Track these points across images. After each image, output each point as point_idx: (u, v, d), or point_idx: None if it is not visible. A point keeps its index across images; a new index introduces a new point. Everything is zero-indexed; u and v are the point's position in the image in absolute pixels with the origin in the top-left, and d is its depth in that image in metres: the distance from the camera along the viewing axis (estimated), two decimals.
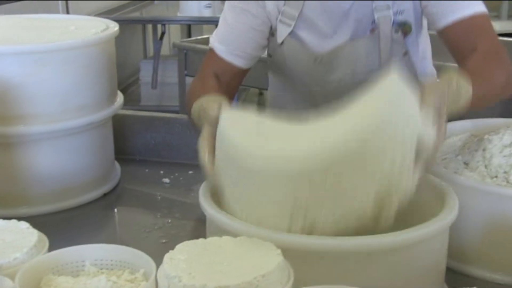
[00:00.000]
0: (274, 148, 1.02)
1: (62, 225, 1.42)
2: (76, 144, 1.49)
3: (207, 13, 4.39)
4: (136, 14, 4.91)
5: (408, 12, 1.51)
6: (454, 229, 1.17)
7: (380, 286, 0.95)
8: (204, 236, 0.97)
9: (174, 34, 5.69)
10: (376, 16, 1.49)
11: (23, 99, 1.40)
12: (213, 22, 4.65)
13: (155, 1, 5.42)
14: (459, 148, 1.32)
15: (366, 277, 0.94)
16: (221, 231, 0.99)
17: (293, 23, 1.52)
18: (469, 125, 1.42)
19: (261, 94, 4.73)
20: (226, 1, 1.59)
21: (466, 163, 1.26)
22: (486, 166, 1.22)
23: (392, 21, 1.50)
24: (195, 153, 1.74)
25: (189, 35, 5.76)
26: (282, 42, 1.55)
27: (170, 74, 4.36)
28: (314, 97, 1.59)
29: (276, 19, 1.54)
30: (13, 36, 1.50)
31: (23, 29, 1.56)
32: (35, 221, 1.08)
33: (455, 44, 1.46)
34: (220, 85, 1.50)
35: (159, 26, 4.78)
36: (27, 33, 1.53)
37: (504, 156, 1.21)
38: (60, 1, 3.99)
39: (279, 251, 0.89)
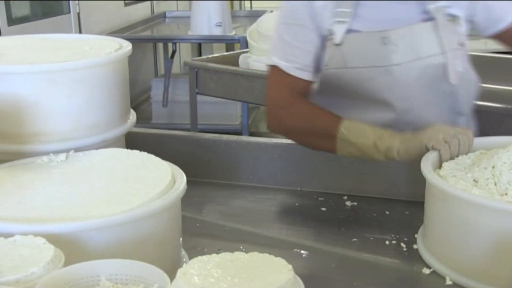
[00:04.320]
0: None
1: None
2: None
3: (217, 31, 4.42)
4: (147, 33, 4.95)
5: (459, 7, 1.61)
6: (462, 245, 1.18)
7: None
8: (217, 252, 0.98)
9: (184, 53, 5.73)
10: (431, 6, 1.59)
11: (37, 118, 1.41)
12: (223, 40, 4.68)
13: (166, 20, 5.47)
14: (469, 165, 1.33)
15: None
16: None
17: (348, 20, 1.57)
18: (479, 142, 1.43)
19: None
20: (279, 18, 1.65)
21: (475, 181, 1.27)
22: (495, 184, 1.23)
23: (445, 12, 1.59)
24: (204, 171, 1.78)
25: (200, 54, 5.80)
26: (341, 42, 1.57)
27: (181, 92, 4.38)
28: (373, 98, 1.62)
29: (330, 23, 1.58)
30: (27, 55, 1.52)
31: (37, 49, 1.58)
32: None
33: None
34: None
35: (170, 45, 4.83)
36: (41, 53, 1.55)
37: None
38: (73, 20, 4.03)
39: (290, 266, 0.90)
